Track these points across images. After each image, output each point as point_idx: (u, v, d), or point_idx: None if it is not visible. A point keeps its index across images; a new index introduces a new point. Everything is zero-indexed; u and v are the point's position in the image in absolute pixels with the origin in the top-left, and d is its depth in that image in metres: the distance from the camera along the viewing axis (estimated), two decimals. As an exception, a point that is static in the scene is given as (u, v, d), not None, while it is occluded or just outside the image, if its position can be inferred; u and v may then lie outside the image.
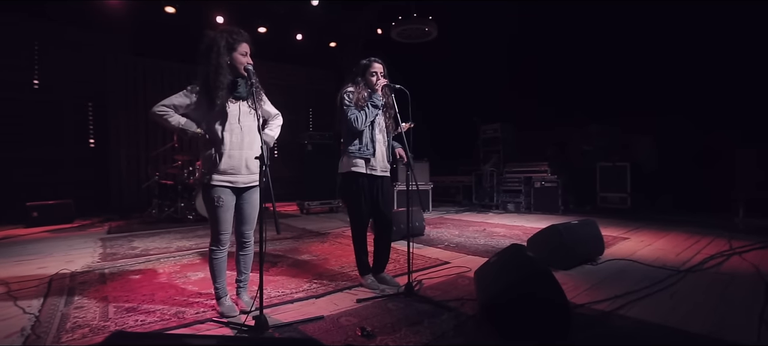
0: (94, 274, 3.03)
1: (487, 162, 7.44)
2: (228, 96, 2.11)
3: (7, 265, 3.40)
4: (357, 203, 2.66)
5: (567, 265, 3.01)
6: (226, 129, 2.10)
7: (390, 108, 2.75)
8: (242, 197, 2.23)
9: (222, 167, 2.10)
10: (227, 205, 2.14)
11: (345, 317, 2.15)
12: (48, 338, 1.89)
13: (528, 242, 3.40)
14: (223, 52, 2.06)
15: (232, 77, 2.12)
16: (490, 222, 5.71)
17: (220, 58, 2.05)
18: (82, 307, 2.32)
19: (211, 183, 2.10)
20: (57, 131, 7.09)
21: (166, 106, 2.08)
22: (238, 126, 2.13)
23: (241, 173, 2.15)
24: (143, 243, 4.32)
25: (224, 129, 2.10)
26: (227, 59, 2.08)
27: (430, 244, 4.16)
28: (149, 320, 2.12)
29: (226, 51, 2.08)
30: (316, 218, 6.69)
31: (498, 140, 7.49)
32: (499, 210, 7.09)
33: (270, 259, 3.55)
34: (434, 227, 5.27)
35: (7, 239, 4.70)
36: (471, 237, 4.52)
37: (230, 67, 2.11)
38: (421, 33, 6.58)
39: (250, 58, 2.16)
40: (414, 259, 3.44)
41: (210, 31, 2.11)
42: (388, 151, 2.78)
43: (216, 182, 2.10)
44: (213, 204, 2.12)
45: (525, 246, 2.20)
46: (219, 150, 2.09)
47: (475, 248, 3.90)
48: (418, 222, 4.62)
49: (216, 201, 2.11)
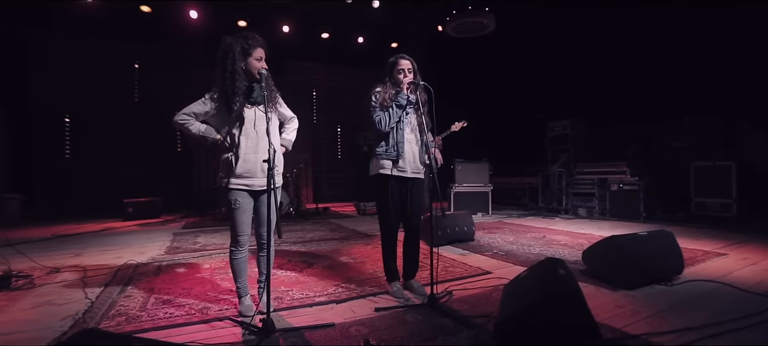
0: (152, 266, 3.35)
1: (556, 162, 6.77)
2: (244, 101, 2.15)
3: (94, 253, 3.94)
4: (384, 206, 2.55)
5: (630, 283, 2.55)
6: (242, 133, 2.14)
7: (421, 105, 2.58)
8: (260, 200, 2.25)
9: (238, 171, 2.13)
10: (244, 207, 2.18)
11: (356, 326, 2.06)
12: (91, 323, 2.10)
13: (583, 254, 2.97)
14: (238, 57, 2.10)
15: (248, 82, 2.15)
16: (553, 228, 5.17)
17: (235, 64, 2.09)
18: (130, 296, 2.56)
19: (228, 187, 2.15)
20: (151, 138, 8.12)
21: (187, 115, 2.17)
22: (254, 130, 2.16)
23: (257, 176, 2.17)
24: (205, 239, 4.71)
25: (240, 134, 2.14)
26: (242, 65, 2.12)
27: (477, 251, 3.88)
28: (176, 313, 2.25)
29: (242, 56, 2.12)
30: (371, 219, 6.70)
31: (567, 138, 6.77)
32: (568, 215, 6.40)
33: (308, 259, 3.61)
34: (488, 232, 4.92)
35: (105, 231, 5.48)
36: (525, 245, 4.11)
37: (245, 72, 2.14)
38: (478, 26, 6.21)
39: (265, 63, 2.18)
40: (453, 267, 3.25)
41: (226, 37, 2.17)
42: (422, 152, 2.62)
43: (233, 185, 2.15)
44: (230, 207, 2.17)
45: (561, 261, 1.88)
46: (235, 154, 2.14)
47: (525, 258, 3.53)
48: (467, 227, 4.34)
49: (233, 203, 2.16)
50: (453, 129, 5.03)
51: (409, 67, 2.54)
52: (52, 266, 3.31)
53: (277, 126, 2.34)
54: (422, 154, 2.62)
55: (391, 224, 2.57)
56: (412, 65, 2.56)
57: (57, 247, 4.33)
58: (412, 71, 2.55)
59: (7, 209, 6.20)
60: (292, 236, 4.88)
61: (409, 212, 2.59)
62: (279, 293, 2.61)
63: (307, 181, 9.61)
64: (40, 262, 3.45)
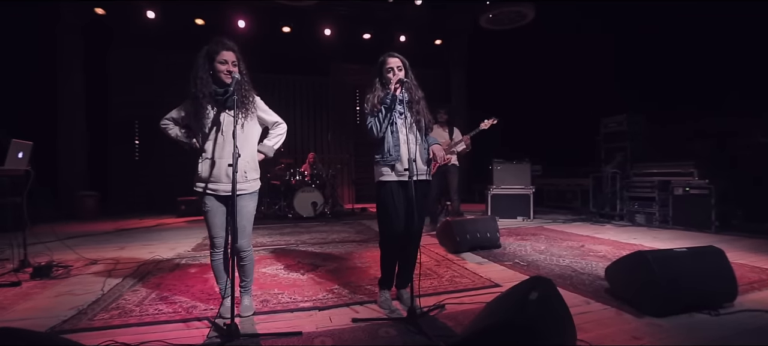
0: (172, 263, 3.56)
1: (610, 162, 6.04)
2: (214, 106, 2.14)
3: (134, 247, 4.31)
4: (384, 212, 2.40)
5: (660, 309, 2.13)
6: (209, 138, 2.13)
7: (415, 103, 2.41)
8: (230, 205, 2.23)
9: (206, 176, 2.13)
10: (214, 210, 2.17)
11: (322, 337, 1.96)
12: (89, 315, 2.26)
13: (607, 270, 2.56)
14: (204, 62, 2.11)
15: (217, 87, 2.13)
16: (598, 237, 4.60)
17: (201, 69, 2.10)
18: (136, 291, 2.72)
19: (201, 191, 2.16)
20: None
21: (167, 120, 2.24)
22: (222, 136, 2.14)
23: (223, 181, 2.13)
24: (235, 236, 4.93)
25: (207, 138, 2.14)
26: (209, 69, 2.12)
27: (498, 259, 3.57)
28: (165, 310, 2.34)
29: (207, 61, 2.11)
30: (403, 220, 6.55)
31: (623, 135, 5.99)
32: (622, 222, 5.67)
33: (317, 261, 3.58)
34: (520, 239, 4.53)
35: (157, 226, 6.00)
36: (556, 255, 3.70)
37: (212, 76, 2.13)
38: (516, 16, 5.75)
39: (235, 67, 2.15)
40: (462, 277, 3.00)
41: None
42: (424, 152, 2.45)
43: (201, 189, 2.15)
44: (202, 209, 2.19)
45: (545, 282, 1.61)
46: (204, 159, 2.14)
47: (548, 270, 3.16)
48: (491, 232, 4.02)
49: (203, 207, 2.17)
50: (482, 127, 4.72)
51: (399, 65, 2.38)
52: (91, 259, 3.67)
53: (252, 132, 2.29)
54: (424, 154, 2.44)
55: (392, 232, 2.40)
56: (403, 63, 2.40)
57: (110, 240, 4.82)
58: (403, 69, 2.38)
59: (85, 205, 7.09)
60: (316, 237, 4.92)
61: (409, 217, 2.41)
62: (268, 296, 2.60)
63: (349, 181, 9.72)
64: (84, 254, 3.85)
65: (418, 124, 2.38)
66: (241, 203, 2.21)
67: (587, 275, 2.97)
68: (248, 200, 2.25)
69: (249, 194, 2.25)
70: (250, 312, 2.29)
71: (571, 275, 2.99)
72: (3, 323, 2.20)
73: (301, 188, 6.83)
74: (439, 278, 3.03)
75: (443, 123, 5.28)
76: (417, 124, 2.39)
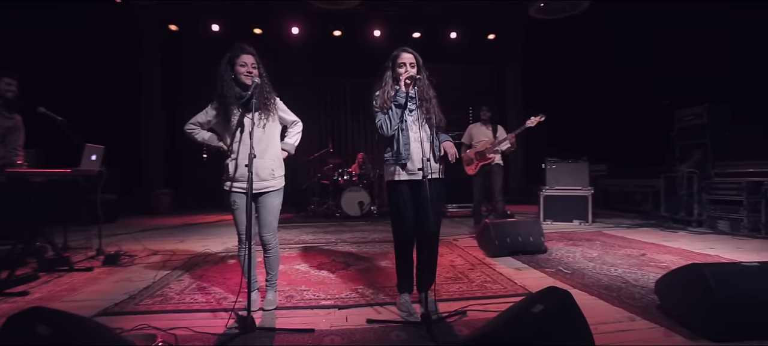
0: (217, 256, 3.83)
1: (686, 160, 5.32)
2: (239, 108, 2.26)
3: (192, 241, 4.72)
4: (396, 213, 2.38)
5: (718, 332, 1.82)
6: (236, 140, 2.25)
7: (426, 102, 2.34)
8: (258, 202, 2.34)
9: (235, 175, 2.25)
10: (242, 208, 2.28)
11: (332, 336, 1.97)
12: (136, 300, 2.52)
13: (656, 284, 2.25)
14: (227, 67, 2.24)
15: (240, 90, 2.25)
16: (666, 245, 4.07)
17: (225, 74, 2.23)
18: (181, 281, 2.97)
19: (228, 189, 2.29)
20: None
21: (193, 124, 2.38)
22: (247, 136, 2.24)
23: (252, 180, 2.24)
24: (282, 235, 5.17)
25: (234, 140, 2.25)
26: (231, 73, 2.24)
27: (539, 265, 3.32)
28: (200, 300, 2.52)
29: (229, 66, 2.24)
30: (449, 221, 6.40)
31: (703, 129, 5.22)
32: (701, 228, 4.96)
33: (350, 260, 3.62)
34: (571, 244, 4.17)
35: (216, 222, 6.51)
36: (608, 264, 3.34)
37: (235, 80, 2.25)
38: (568, 6, 5.29)
39: (256, 69, 2.25)
40: (494, 283, 2.84)
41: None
42: (436, 150, 2.37)
43: (229, 187, 2.28)
44: (231, 208, 2.32)
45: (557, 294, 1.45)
46: (233, 160, 2.26)
47: (594, 280, 2.86)
48: (534, 236, 3.75)
49: (232, 205, 2.30)
50: (528, 125, 4.45)
51: (412, 61, 2.32)
52: (153, 250, 4.08)
53: (275, 131, 2.39)
54: (436, 152, 2.36)
55: (403, 233, 2.37)
56: (416, 59, 2.34)
57: (174, 234, 5.33)
58: (416, 66, 2.32)
59: (161, 201, 7.94)
60: (356, 236, 4.98)
61: (423, 217, 2.34)
62: (294, 292, 2.68)
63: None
64: (149, 246, 4.30)
65: (429, 122, 2.31)
66: (268, 199, 2.33)
67: (640, 288, 2.64)
68: (275, 196, 2.36)
69: (275, 191, 2.36)
70: (273, 306, 2.38)
71: (619, 287, 2.68)
72: (72, 302, 2.53)
73: (348, 187, 6.97)
74: (470, 282, 2.89)
75: (486, 121, 5.04)
76: (428, 122, 2.31)
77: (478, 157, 4.96)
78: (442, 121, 2.38)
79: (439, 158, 2.36)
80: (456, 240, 4.58)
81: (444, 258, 3.67)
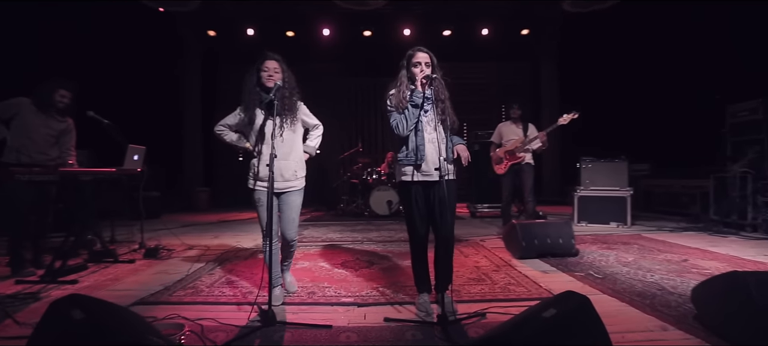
0: (247, 252, 3.98)
1: (739, 159, 4.91)
2: (263, 112, 2.38)
3: (226, 236, 4.94)
4: (409, 214, 2.39)
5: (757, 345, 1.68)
6: (261, 141, 2.39)
7: (441, 102, 2.33)
8: (281, 200, 2.46)
9: (260, 175, 2.39)
10: (265, 205, 2.38)
11: (349, 333, 2.01)
12: (170, 291, 2.68)
13: (693, 292, 2.10)
14: (253, 74, 2.38)
15: (266, 95, 2.36)
16: (711, 250, 3.78)
17: (250, 79, 2.38)
18: (212, 274, 3.13)
19: (253, 187, 2.44)
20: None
21: (223, 126, 2.53)
22: (272, 139, 2.34)
23: (276, 180, 2.36)
24: (310, 232, 5.30)
25: (260, 141, 2.39)
26: (256, 78, 2.38)
27: (568, 269, 3.20)
28: (227, 293, 2.65)
29: (255, 72, 2.38)
30: (479, 222, 6.30)
31: (758, 125, 4.78)
32: (756, 233, 4.55)
33: (374, 259, 3.65)
34: (606, 247, 3.98)
35: (251, 219, 6.76)
36: (645, 269, 3.16)
37: (260, 85, 2.38)
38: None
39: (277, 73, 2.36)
40: (517, 285, 2.76)
41: None
42: (449, 150, 2.35)
43: (255, 186, 2.42)
44: (255, 205, 2.42)
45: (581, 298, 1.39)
46: (258, 160, 2.40)
47: (626, 286, 2.72)
48: (564, 238, 3.61)
49: (257, 202, 2.42)
50: (561, 122, 4.30)
51: (427, 60, 2.31)
52: (190, 245, 4.31)
53: (297, 134, 2.53)
54: (449, 152, 2.34)
55: (417, 233, 2.37)
56: (431, 59, 2.33)
57: (210, 229, 5.60)
58: (431, 66, 2.31)
59: (200, 198, 8.37)
60: (383, 235, 5.01)
61: (437, 218, 2.33)
62: (316, 289, 2.74)
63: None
64: (186, 241, 4.55)
65: (444, 123, 2.29)
66: (291, 198, 2.48)
67: (677, 296, 2.48)
68: (296, 195, 2.51)
69: (297, 190, 2.51)
70: (295, 287, 2.65)
71: (654, 294, 2.53)
72: (114, 291, 2.74)
73: (377, 186, 7.00)
74: (493, 284, 2.84)
75: (517, 119, 4.90)
76: (442, 123, 2.29)
77: (508, 156, 4.83)
78: (455, 122, 2.36)
79: (451, 160, 2.34)
80: (483, 241, 4.50)
81: (469, 259, 3.62)
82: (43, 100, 3.10)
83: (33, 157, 3.01)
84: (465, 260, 3.56)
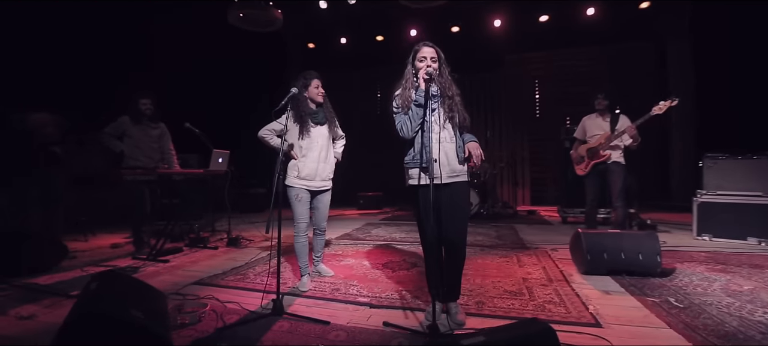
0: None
1: None
2: (309, 121, 2.80)
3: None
4: (419, 219, 2.30)
5: None
6: (305, 145, 2.78)
7: (448, 99, 2.17)
8: (316, 198, 2.90)
9: (302, 174, 2.78)
10: (303, 201, 2.79)
11: (339, 332, 2.04)
12: (225, 275, 3.11)
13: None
14: (302, 89, 2.76)
15: (312, 107, 2.85)
16: None
17: (299, 93, 2.71)
18: (266, 264, 3.49)
19: (293, 185, 2.78)
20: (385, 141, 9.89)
21: (267, 130, 2.87)
22: (315, 144, 2.79)
23: (315, 180, 2.84)
24: (375, 230, 5.44)
25: (304, 146, 2.78)
26: (305, 92, 2.79)
27: (641, 291, 2.64)
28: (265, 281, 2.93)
29: (304, 88, 2.79)
30: (567, 228, 5.58)
31: None
32: None
33: (419, 261, 3.58)
34: (719, 270, 3.11)
35: (334, 216, 7.26)
36: (757, 303, 2.39)
37: (309, 99, 2.82)
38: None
39: (321, 89, 2.86)
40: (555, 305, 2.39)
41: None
42: (459, 151, 2.19)
43: (297, 184, 2.78)
44: (294, 200, 2.79)
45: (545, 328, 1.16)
46: (301, 161, 2.77)
47: (707, 323, 2.11)
48: (645, 254, 2.96)
49: (296, 197, 2.79)
50: (655, 111, 3.62)
51: (433, 55, 2.18)
52: (267, 236, 4.87)
53: (332, 143, 3.01)
54: (459, 153, 2.16)
55: (428, 240, 2.25)
56: (438, 54, 2.19)
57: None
58: (437, 61, 2.17)
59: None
60: (446, 237, 4.84)
61: (445, 224, 2.18)
62: (342, 286, 2.83)
63: (524, 182, 8.91)
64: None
65: (452, 120, 2.12)
66: (325, 196, 3.01)
67: (785, 344, 1.82)
68: (328, 194, 3.01)
69: (329, 190, 2.98)
70: (329, 273, 3.04)
71: (750, 337, 1.92)
72: (188, 272, 3.29)
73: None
74: (528, 300, 2.52)
75: (603, 110, 4.21)
76: (450, 121, 2.12)
77: (590, 154, 4.18)
78: (466, 120, 2.18)
79: (463, 160, 2.15)
80: (555, 250, 3.99)
81: (521, 269, 3.27)
82: (134, 113, 3.89)
83: (142, 161, 3.81)
84: (515, 270, 3.22)
